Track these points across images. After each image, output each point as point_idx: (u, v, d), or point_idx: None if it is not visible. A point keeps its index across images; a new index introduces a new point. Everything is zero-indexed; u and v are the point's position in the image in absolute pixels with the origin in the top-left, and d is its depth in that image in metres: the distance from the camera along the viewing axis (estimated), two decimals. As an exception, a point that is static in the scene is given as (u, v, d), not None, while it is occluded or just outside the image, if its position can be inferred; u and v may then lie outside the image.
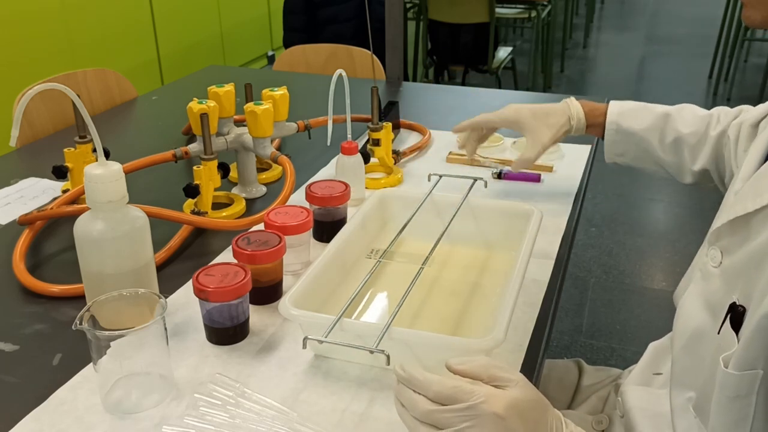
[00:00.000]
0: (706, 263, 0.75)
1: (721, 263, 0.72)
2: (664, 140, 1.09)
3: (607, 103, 1.14)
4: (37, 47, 2.40)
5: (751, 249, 0.66)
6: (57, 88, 0.78)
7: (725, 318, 0.66)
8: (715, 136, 1.04)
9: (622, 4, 7.52)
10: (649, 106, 1.13)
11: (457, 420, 0.58)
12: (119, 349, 0.70)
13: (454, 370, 0.63)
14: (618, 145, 1.13)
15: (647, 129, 1.10)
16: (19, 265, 0.95)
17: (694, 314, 0.75)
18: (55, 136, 1.54)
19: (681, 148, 1.08)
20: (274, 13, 3.94)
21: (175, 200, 1.12)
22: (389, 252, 0.96)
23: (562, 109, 1.12)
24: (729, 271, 0.70)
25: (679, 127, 1.08)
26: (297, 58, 2.16)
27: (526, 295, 0.92)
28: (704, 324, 0.72)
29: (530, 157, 1.10)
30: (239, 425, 0.69)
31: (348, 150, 1.13)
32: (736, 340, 0.63)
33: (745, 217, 0.69)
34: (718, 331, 0.67)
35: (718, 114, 1.07)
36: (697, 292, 0.76)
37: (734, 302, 0.66)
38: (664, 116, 1.09)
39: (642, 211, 3.09)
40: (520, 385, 0.61)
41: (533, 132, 1.10)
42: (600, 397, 1.03)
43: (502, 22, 4.61)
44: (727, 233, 0.72)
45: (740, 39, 4.35)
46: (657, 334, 1.01)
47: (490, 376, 0.61)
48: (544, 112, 1.11)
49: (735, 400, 0.63)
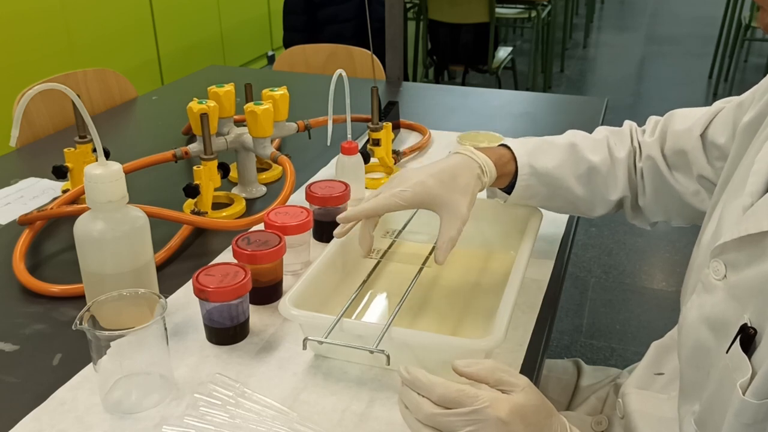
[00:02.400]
0: (707, 275, 0.74)
1: (725, 277, 0.71)
2: (577, 173, 0.99)
3: (504, 147, 0.99)
4: (37, 47, 2.40)
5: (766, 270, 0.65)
6: (57, 88, 0.78)
7: (735, 338, 0.65)
8: (624, 157, 0.98)
9: (622, 4, 7.52)
10: (548, 139, 1.02)
11: (460, 424, 0.58)
12: (119, 349, 0.70)
13: (461, 372, 0.63)
14: (530, 189, 0.97)
15: (560, 165, 0.98)
16: (19, 265, 0.95)
17: (695, 327, 0.73)
18: (55, 136, 1.54)
19: (594, 178, 0.99)
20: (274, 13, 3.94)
21: (175, 200, 1.12)
22: (389, 252, 0.96)
23: (468, 166, 0.92)
24: (736, 289, 0.69)
25: (588, 155, 0.99)
26: (297, 58, 2.16)
27: (526, 295, 0.92)
28: (706, 339, 0.71)
29: (453, 236, 0.85)
30: (239, 425, 0.69)
31: (348, 150, 1.13)
32: (749, 365, 0.62)
33: (758, 236, 0.67)
34: (726, 350, 0.66)
35: (629, 131, 1.01)
36: (698, 303, 0.75)
37: (746, 324, 0.65)
38: (570, 147, 0.99)
39: (642, 211, 3.09)
40: (525, 390, 0.61)
41: (447, 206, 0.87)
42: (599, 397, 1.03)
43: (502, 22, 4.61)
44: (733, 248, 0.70)
45: (740, 39, 4.35)
46: (657, 334, 1.01)
47: (497, 380, 0.61)
48: (450, 175, 0.89)
49: (750, 426, 0.62)
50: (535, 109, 1.71)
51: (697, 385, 0.73)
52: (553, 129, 1.50)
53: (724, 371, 0.65)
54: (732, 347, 0.64)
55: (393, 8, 1.83)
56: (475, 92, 1.87)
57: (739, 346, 0.63)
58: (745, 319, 0.64)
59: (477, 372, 0.62)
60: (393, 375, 0.77)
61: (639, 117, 1.07)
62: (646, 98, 4.43)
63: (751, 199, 0.72)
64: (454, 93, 1.87)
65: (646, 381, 0.94)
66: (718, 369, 0.67)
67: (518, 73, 4.25)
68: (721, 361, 0.67)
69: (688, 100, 4.42)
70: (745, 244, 0.68)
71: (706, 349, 0.71)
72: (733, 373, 0.63)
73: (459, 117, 1.62)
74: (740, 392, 0.61)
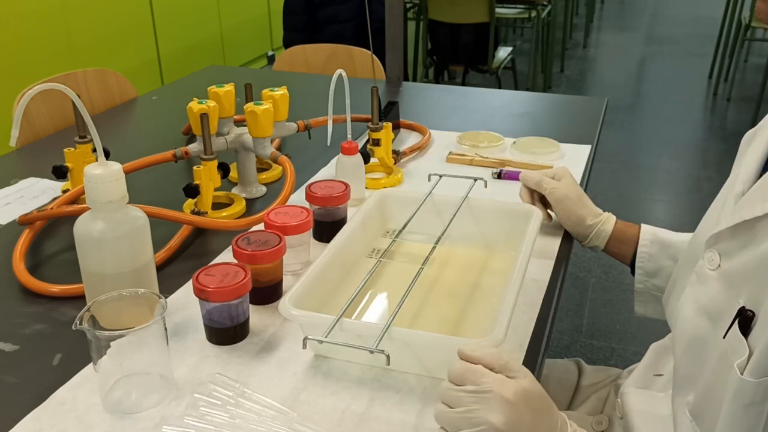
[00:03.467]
0: (702, 266, 0.75)
1: (719, 266, 0.72)
2: None
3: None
4: (37, 47, 2.40)
5: (760, 253, 0.65)
6: (57, 88, 0.78)
7: (732, 322, 0.65)
8: None
9: (622, 4, 7.52)
10: None
11: (467, 400, 0.61)
12: (119, 349, 0.70)
13: (466, 357, 0.65)
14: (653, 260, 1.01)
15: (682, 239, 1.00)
16: (19, 265, 0.95)
17: (691, 319, 0.74)
18: (55, 136, 1.54)
19: None
20: (274, 13, 3.94)
21: (175, 200, 1.12)
22: (389, 252, 0.96)
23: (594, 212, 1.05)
24: (730, 275, 0.70)
25: None
26: (297, 58, 2.16)
27: (526, 295, 0.92)
28: (703, 329, 0.72)
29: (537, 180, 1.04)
30: (239, 425, 0.69)
31: (348, 150, 1.13)
32: (746, 346, 0.63)
33: (751, 222, 0.68)
34: (723, 336, 0.66)
35: None
36: (693, 295, 0.76)
37: (743, 307, 0.65)
38: None
39: (642, 211, 3.09)
40: (528, 377, 0.64)
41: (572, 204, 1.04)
42: (599, 397, 1.04)
43: (502, 22, 4.61)
44: (727, 237, 0.71)
45: (740, 39, 4.35)
46: (657, 334, 1.01)
47: (502, 365, 0.64)
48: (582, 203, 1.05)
49: (749, 407, 0.62)
50: (535, 109, 1.71)
51: (691, 376, 0.74)
52: (553, 129, 1.50)
53: (721, 357, 0.66)
54: (730, 331, 0.65)
55: (393, 8, 1.83)
56: (475, 92, 1.87)
57: (738, 329, 0.64)
58: (740, 303, 0.65)
59: (482, 356, 0.64)
60: (393, 375, 0.77)
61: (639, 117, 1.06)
62: (646, 98, 4.43)
63: (743, 186, 0.73)
64: (454, 93, 1.87)
65: (646, 382, 0.94)
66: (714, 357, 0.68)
67: (518, 73, 4.25)
68: (717, 348, 0.68)
69: (688, 100, 4.42)
70: (739, 232, 0.70)
71: (703, 339, 0.72)
72: (731, 356, 0.64)
73: (459, 117, 1.61)
74: (738, 372, 0.63)
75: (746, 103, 4.32)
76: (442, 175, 1.06)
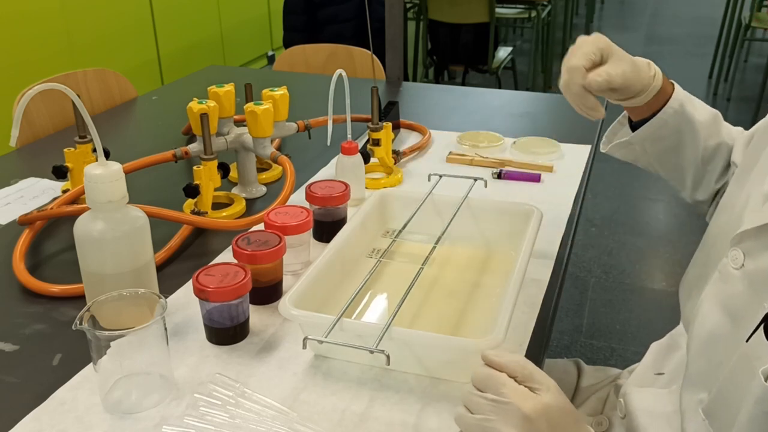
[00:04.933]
0: (725, 264, 0.74)
1: (743, 266, 0.71)
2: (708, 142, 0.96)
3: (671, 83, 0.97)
4: (37, 47, 2.40)
5: None
6: (57, 88, 0.78)
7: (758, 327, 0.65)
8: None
9: (622, 4, 7.52)
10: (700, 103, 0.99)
11: (486, 408, 0.60)
12: (119, 349, 0.70)
13: (489, 362, 0.63)
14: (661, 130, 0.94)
15: (704, 123, 0.95)
16: (19, 265, 0.95)
17: (711, 316, 0.73)
18: (55, 136, 1.54)
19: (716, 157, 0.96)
20: (274, 13, 3.94)
21: (175, 200, 1.12)
22: (389, 252, 0.96)
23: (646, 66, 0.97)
24: (754, 276, 0.69)
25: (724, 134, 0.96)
26: (297, 58, 2.16)
27: (526, 295, 0.92)
28: (722, 327, 0.71)
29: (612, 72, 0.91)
30: (239, 425, 0.69)
31: (348, 150, 1.13)
32: None
33: None
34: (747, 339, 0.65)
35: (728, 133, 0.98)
36: (715, 293, 0.75)
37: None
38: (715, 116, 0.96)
39: (642, 211, 3.09)
40: (552, 391, 0.61)
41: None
42: (599, 398, 1.03)
43: (502, 22, 4.61)
44: (752, 236, 0.70)
45: (740, 39, 4.35)
46: (657, 334, 1.01)
47: (526, 375, 0.62)
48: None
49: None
50: (535, 109, 1.71)
51: (706, 374, 0.73)
52: (553, 129, 1.50)
53: (742, 360, 0.65)
54: (754, 335, 0.64)
55: (393, 8, 1.83)
56: (475, 92, 1.87)
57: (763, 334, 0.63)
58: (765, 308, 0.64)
59: (506, 363, 0.62)
60: (393, 375, 0.77)
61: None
62: (646, 98, 4.41)
63: None
64: (454, 93, 1.87)
65: (647, 381, 0.94)
66: (734, 358, 0.67)
67: (518, 73, 4.25)
68: (737, 350, 0.66)
69: (688, 100, 4.41)
70: (764, 232, 0.68)
71: (721, 338, 0.71)
72: (754, 361, 0.63)
73: (459, 117, 1.61)
74: (762, 379, 0.61)
75: (746, 103, 4.32)
76: (442, 175, 1.06)
